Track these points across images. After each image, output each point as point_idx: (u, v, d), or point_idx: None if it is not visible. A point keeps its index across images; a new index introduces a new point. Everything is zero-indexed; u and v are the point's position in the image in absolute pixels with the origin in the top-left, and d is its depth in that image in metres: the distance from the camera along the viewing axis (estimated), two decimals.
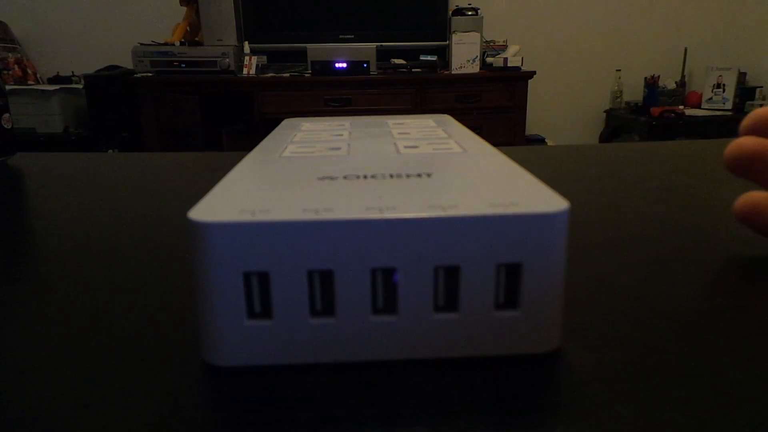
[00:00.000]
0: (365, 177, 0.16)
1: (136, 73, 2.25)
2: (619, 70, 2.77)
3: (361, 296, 0.14)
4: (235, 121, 2.21)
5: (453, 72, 2.30)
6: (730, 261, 0.21)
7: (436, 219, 0.13)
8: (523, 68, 2.34)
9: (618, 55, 2.79)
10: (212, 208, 0.14)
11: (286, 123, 0.30)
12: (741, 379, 0.13)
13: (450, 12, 2.39)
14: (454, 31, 2.31)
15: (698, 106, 2.77)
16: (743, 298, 0.18)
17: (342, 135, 0.24)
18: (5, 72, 2.34)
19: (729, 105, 2.69)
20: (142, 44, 2.27)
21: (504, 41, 2.52)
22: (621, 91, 2.80)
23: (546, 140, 2.58)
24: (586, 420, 0.12)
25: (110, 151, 2.24)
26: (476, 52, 2.30)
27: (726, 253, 0.21)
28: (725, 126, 2.52)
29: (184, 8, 2.40)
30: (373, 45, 2.36)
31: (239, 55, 2.29)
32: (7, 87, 0.49)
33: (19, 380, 0.14)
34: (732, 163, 0.21)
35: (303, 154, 0.20)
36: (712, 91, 2.74)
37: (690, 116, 2.60)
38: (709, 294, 0.18)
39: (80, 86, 2.39)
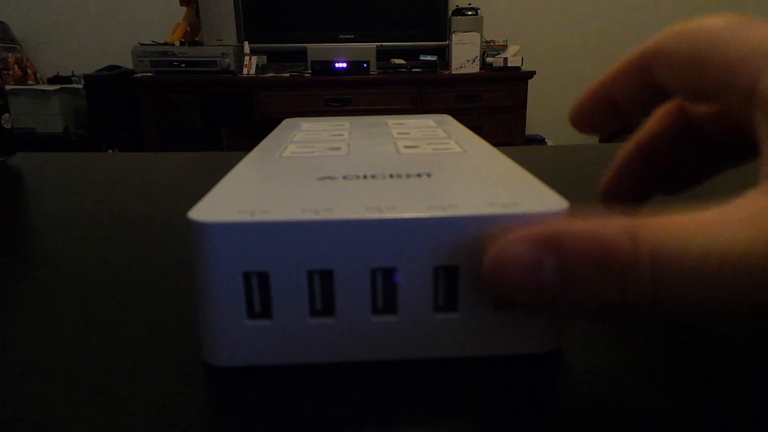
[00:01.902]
0: (365, 177, 0.16)
1: (136, 73, 2.25)
2: None
3: (361, 296, 0.14)
4: (235, 121, 2.21)
5: (453, 72, 2.30)
6: None
7: (436, 219, 0.13)
8: (523, 68, 2.33)
9: (618, 55, 2.76)
10: (212, 208, 0.14)
11: (286, 123, 0.30)
12: (741, 379, 0.13)
13: (450, 12, 2.39)
14: (454, 31, 2.30)
15: None
16: None
17: (342, 135, 0.24)
18: (5, 72, 2.34)
19: None
20: (142, 44, 2.27)
21: (504, 41, 2.52)
22: None
23: (546, 140, 2.58)
24: (585, 420, 0.12)
25: (110, 151, 2.24)
26: (476, 52, 2.29)
27: None
28: None
29: (184, 8, 2.40)
30: (373, 45, 2.36)
31: (239, 55, 2.29)
32: (7, 87, 0.49)
33: (19, 380, 0.14)
34: (576, 116, 0.19)
35: (303, 154, 0.20)
36: None
37: None
38: None
39: (80, 86, 2.39)
